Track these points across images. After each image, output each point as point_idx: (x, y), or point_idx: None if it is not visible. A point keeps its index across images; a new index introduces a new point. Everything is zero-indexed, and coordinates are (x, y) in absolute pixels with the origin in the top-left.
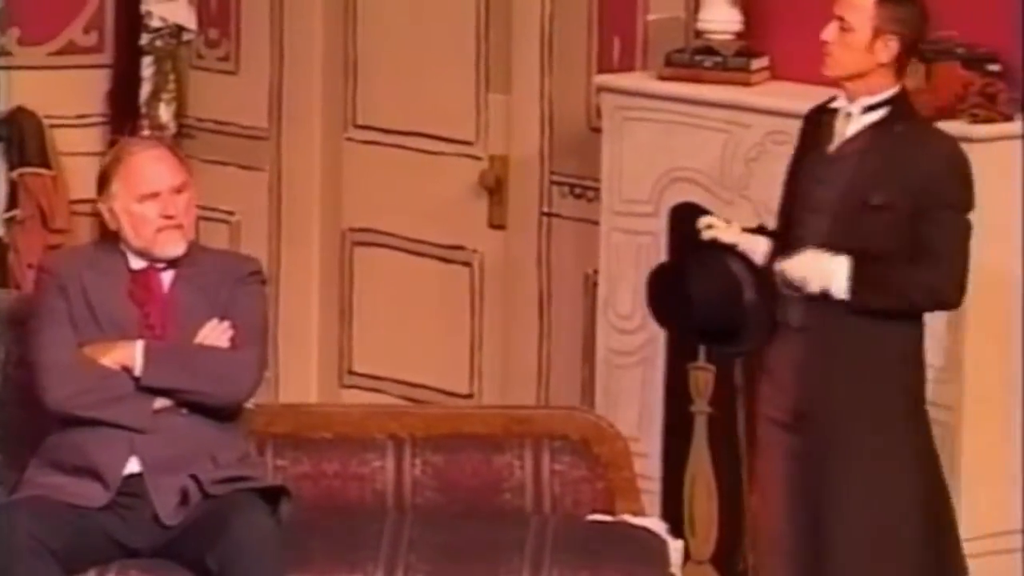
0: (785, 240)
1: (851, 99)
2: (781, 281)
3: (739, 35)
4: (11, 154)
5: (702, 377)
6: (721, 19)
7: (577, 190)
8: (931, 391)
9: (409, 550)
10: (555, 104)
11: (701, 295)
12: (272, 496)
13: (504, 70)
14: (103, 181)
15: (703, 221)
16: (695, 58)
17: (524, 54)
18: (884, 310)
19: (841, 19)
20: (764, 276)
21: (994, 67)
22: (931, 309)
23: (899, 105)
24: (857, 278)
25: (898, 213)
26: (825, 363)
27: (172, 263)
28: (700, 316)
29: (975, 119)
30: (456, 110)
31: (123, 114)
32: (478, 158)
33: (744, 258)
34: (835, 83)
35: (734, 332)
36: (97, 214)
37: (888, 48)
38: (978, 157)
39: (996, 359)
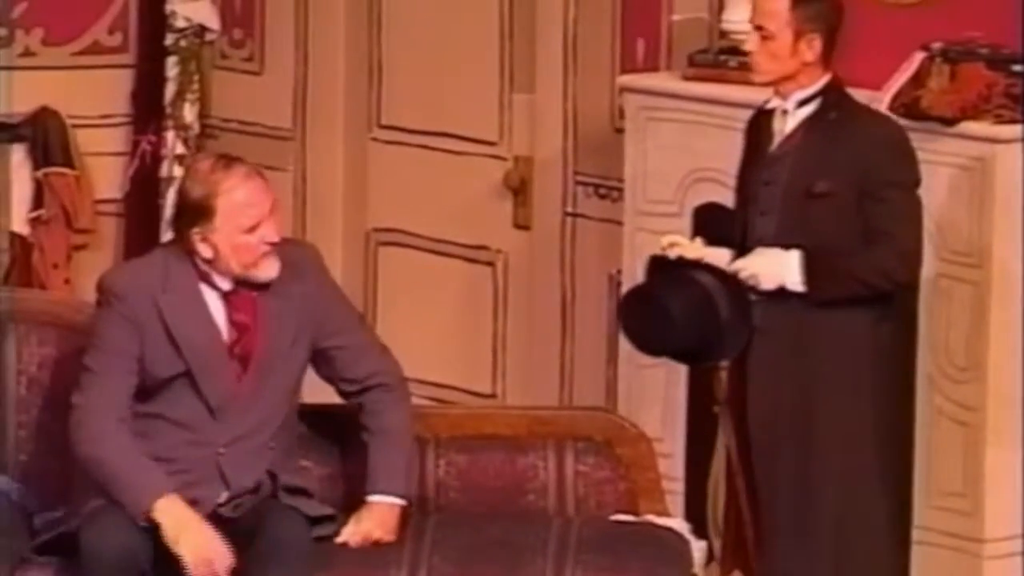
0: (742, 247)
1: (784, 97)
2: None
3: None
4: (35, 154)
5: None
6: (745, 19)
7: (601, 190)
8: (954, 391)
9: (432, 551)
10: (579, 104)
11: (680, 314)
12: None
13: (528, 70)
14: (198, 212)
15: (666, 240)
16: (719, 58)
17: (548, 54)
18: (841, 297)
19: (760, 28)
20: (734, 285)
21: (1018, 67)
22: (887, 290)
23: (830, 95)
24: (810, 270)
25: (843, 199)
26: (787, 362)
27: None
28: (681, 335)
29: (999, 119)
30: (480, 110)
31: (147, 114)
32: (502, 158)
33: (712, 270)
34: (858, 82)
35: (710, 344)
36: (121, 214)
37: (812, 47)
38: (1003, 158)
39: (1019, 360)
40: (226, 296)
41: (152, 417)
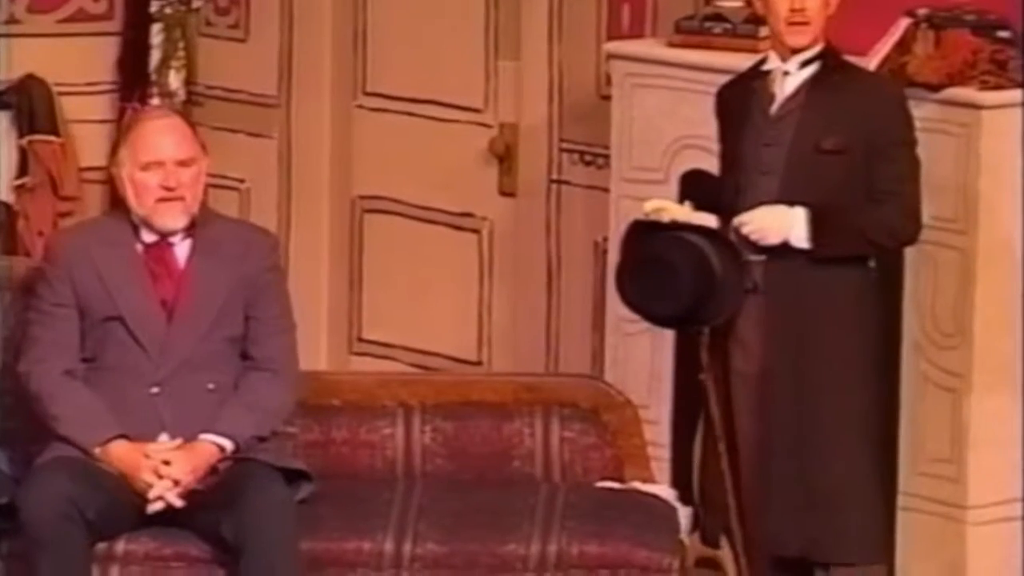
0: (733, 210)
1: (784, 59)
2: (739, 240)
3: (748, 2)
4: (21, 121)
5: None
6: None
7: (587, 157)
8: (940, 358)
9: (418, 517)
10: (565, 71)
11: (685, 272)
12: (290, 473)
13: (513, 37)
14: (115, 145)
15: (650, 205)
16: (704, 25)
17: (533, 21)
18: (845, 255)
19: None
20: (726, 245)
21: (1004, 34)
22: (892, 248)
23: (830, 58)
24: (816, 226)
25: (852, 156)
26: (787, 322)
27: (188, 234)
28: (686, 293)
29: (985, 86)
30: (466, 77)
31: (132, 82)
32: (488, 125)
33: (701, 231)
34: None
35: (706, 305)
36: (106, 181)
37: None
38: (989, 123)
39: (1005, 326)
40: (147, 247)
41: (92, 370)
